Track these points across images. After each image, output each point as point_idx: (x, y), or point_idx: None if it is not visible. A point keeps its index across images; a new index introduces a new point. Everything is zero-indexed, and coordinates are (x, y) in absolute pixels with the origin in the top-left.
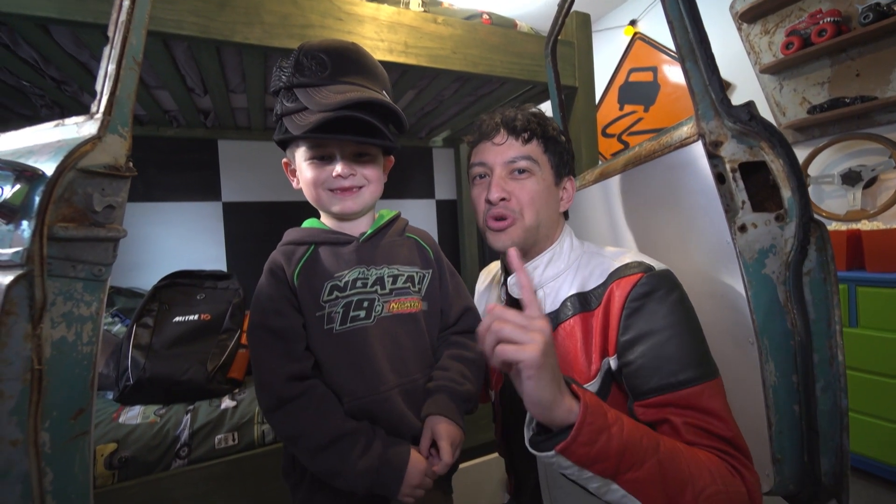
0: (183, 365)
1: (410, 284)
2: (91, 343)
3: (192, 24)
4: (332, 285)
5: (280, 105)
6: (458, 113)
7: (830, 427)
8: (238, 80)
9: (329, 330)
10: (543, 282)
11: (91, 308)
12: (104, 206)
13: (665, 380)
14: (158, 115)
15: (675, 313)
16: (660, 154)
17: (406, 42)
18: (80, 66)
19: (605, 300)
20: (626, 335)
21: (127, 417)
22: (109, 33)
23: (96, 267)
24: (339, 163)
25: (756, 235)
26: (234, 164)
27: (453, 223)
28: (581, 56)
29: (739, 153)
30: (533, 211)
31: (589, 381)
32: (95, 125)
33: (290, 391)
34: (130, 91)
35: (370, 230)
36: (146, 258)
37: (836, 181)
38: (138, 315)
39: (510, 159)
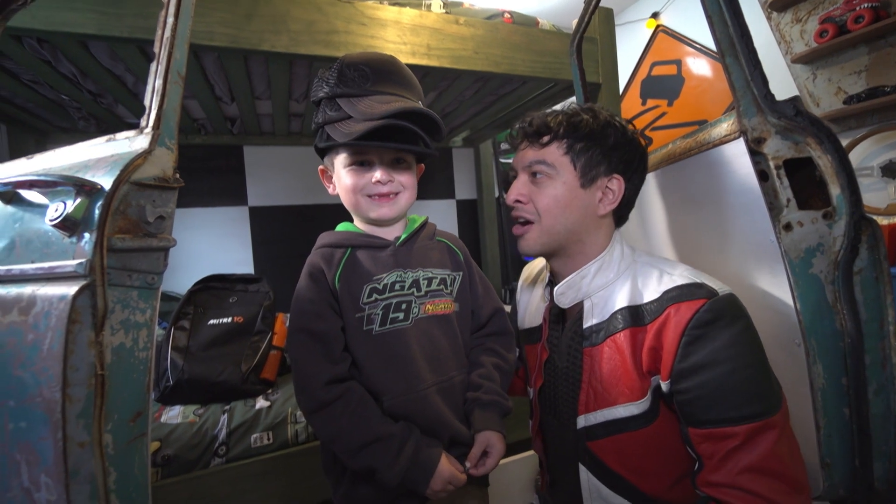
0: (218, 366)
1: (443, 286)
2: (146, 348)
3: (223, 35)
4: (372, 288)
5: (322, 114)
6: (478, 113)
7: (883, 431)
8: (263, 86)
9: (369, 331)
10: (591, 291)
11: (146, 315)
12: (156, 217)
13: (725, 414)
14: (187, 124)
15: (740, 344)
16: (696, 151)
17: (429, 44)
18: (115, 78)
19: (660, 321)
20: (685, 363)
21: (168, 417)
22: (155, 49)
23: (149, 275)
24: (379, 169)
25: (802, 234)
26: (259, 168)
27: (474, 223)
28: (604, 52)
29: (784, 149)
30: (551, 215)
31: (640, 399)
32: (146, 139)
33: (330, 394)
34: (176, 104)
35: (405, 234)
36: (177, 262)
37: (875, 173)
38: (175, 318)
39: (527, 164)
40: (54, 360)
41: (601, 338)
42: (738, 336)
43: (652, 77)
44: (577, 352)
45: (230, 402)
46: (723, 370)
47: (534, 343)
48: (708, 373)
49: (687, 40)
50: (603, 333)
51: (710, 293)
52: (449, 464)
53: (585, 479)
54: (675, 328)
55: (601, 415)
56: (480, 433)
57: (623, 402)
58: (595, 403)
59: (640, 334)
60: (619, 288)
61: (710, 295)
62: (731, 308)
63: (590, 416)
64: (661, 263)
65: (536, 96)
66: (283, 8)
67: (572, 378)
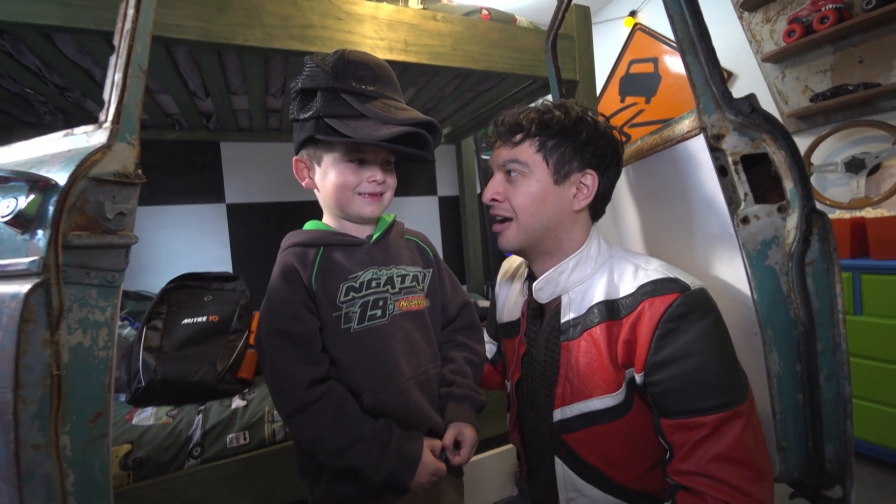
0: (193, 366)
1: (416, 283)
2: (107, 348)
3: (194, 29)
4: (349, 286)
5: (320, 105)
6: (458, 109)
7: (834, 415)
8: (239, 81)
9: (347, 329)
10: (569, 286)
11: (106, 313)
12: (115, 214)
13: (695, 404)
14: (161, 119)
15: (710, 337)
16: (662, 148)
17: (406, 40)
18: (83, 72)
19: (635, 315)
20: (658, 356)
21: (140, 419)
22: (115, 42)
23: (109, 273)
24: (377, 169)
25: (759, 227)
26: (236, 165)
27: (456, 220)
28: (581, 49)
29: (741, 146)
30: (527, 212)
31: (615, 391)
32: (104, 134)
33: (310, 396)
34: (137, 99)
35: (377, 233)
36: (153, 261)
37: (839, 169)
38: (148, 318)
39: (501, 163)
40: (6, 360)
41: (578, 332)
42: (708, 329)
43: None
44: (555, 346)
45: (205, 402)
46: (694, 363)
47: (512, 337)
48: (679, 365)
49: (664, 38)
50: (580, 328)
51: (683, 287)
52: (432, 455)
53: (561, 472)
54: (650, 322)
55: (577, 408)
56: (452, 423)
57: (598, 395)
58: (571, 397)
59: (616, 328)
60: (595, 283)
61: (683, 289)
62: (702, 302)
63: (566, 409)
64: (636, 258)
65: (516, 93)
66: (256, 1)
67: (549, 372)
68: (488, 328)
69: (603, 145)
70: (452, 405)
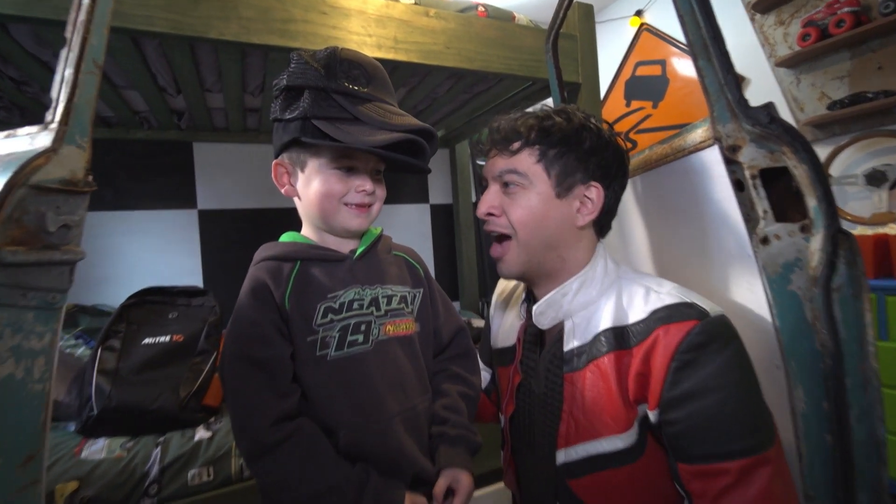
0: (153, 392)
1: (404, 305)
2: (43, 380)
3: (164, 21)
4: (327, 307)
5: (307, 104)
6: (452, 112)
7: (867, 459)
8: (214, 78)
9: (322, 357)
10: (573, 310)
11: (44, 340)
12: (59, 226)
13: (716, 448)
14: (128, 117)
15: (733, 370)
16: (672, 158)
17: (396, 37)
18: (42, 65)
19: (648, 343)
20: (674, 391)
21: (90, 452)
22: (67, 34)
23: (50, 294)
24: (366, 178)
25: (780, 248)
26: (210, 168)
27: (449, 229)
28: (584, 50)
29: (759, 158)
30: (527, 229)
31: (626, 431)
32: (50, 136)
33: (276, 435)
34: (90, 97)
35: (362, 247)
36: (114, 272)
37: (859, 181)
38: (104, 337)
39: (496, 174)
40: None
41: (583, 362)
42: (730, 361)
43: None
44: (557, 377)
45: (165, 432)
46: (715, 399)
47: (506, 365)
48: (699, 402)
49: (672, 40)
50: (585, 357)
51: (702, 314)
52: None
53: None
54: (664, 352)
55: (583, 449)
56: (446, 469)
57: (607, 435)
58: (577, 436)
59: (626, 358)
60: (602, 306)
61: (702, 316)
62: (723, 330)
63: (570, 450)
64: (647, 280)
65: (513, 95)
66: None
67: (551, 406)
68: (482, 353)
69: (608, 155)
70: (445, 448)
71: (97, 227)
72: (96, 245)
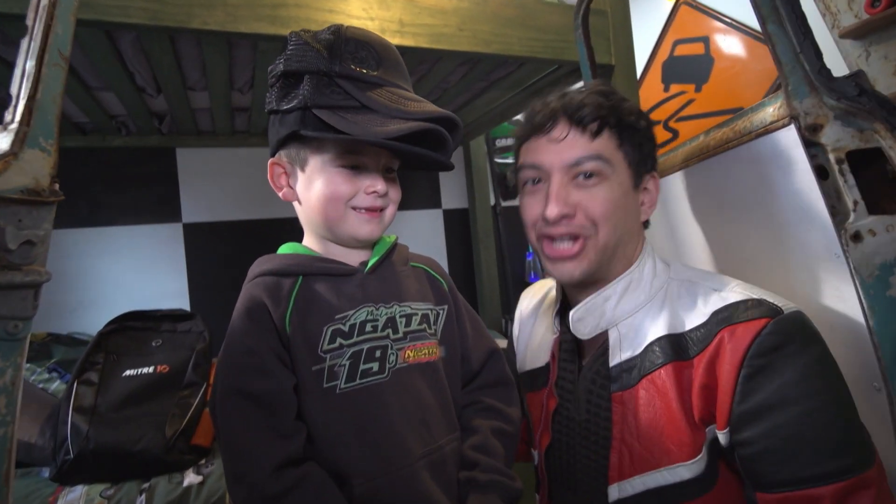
0: (135, 431)
1: (426, 325)
2: (5, 423)
3: (141, 10)
4: (335, 329)
5: (308, 92)
6: (466, 102)
7: None
8: (198, 75)
9: (331, 389)
10: (618, 317)
11: (5, 377)
12: (21, 243)
13: (803, 471)
14: (104, 122)
15: (816, 377)
16: (736, 143)
17: (401, 19)
18: (8, 66)
19: (711, 350)
20: (746, 404)
21: (67, 501)
22: (28, 22)
23: (11, 322)
24: (377, 177)
25: (875, 246)
26: (196, 176)
27: (465, 237)
28: (616, 27)
29: (846, 139)
30: (609, 227)
31: (693, 458)
32: (9, 138)
33: (279, 485)
34: (56, 93)
35: (374, 258)
36: (91, 296)
37: None
38: (79, 370)
39: (574, 161)
40: None
41: (634, 378)
42: (812, 366)
43: (675, 58)
44: (603, 399)
45: (150, 477)
46: (796, 412)
47: (538, 390)
48: (777, 416)
49: (715, 13)
50: (636, 372)
51: (773, 311)
52: None
53: None
54: (732, 358)
55: (641, 482)
56: None
57: (670, 464)
58: (632, 467)
59: (687, 370)
60: (652, 312)
61: (773, 313)
62: (801, 329)
63: (626, 484)
64: (705, 278)
65: (537, 81)
66: None
67: (597, 434)
68: None
69: (652, 140)
70: (476, 497)
71: (71, 245)
72: (70, 266)
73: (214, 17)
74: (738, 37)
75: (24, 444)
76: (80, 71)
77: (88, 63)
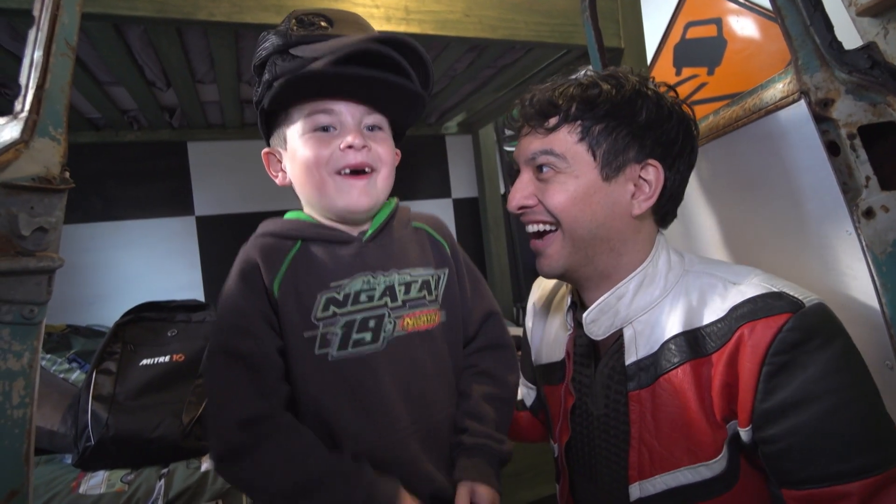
0: (153, 419)
1: (426, 292)
2: (24, 405)
3: (147, 3)
4: (329, 298)
5: (271, 70)
6: (474, 91)
7: None
8: (206, 67)
9: (322, 356)
10: (632, 314)
11: (22, 360)
12: (34, 230)
13: (829, 467)
14: (115, 117)
15: (841, 371)
16: (745, 121)
17: (407, 6)
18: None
19: (730, 347)
20: (769, 401)
21: (89, 486)
22: (35, 12)
23: (27, 307)
24: (352, 131)
25: (888, 222)
26: (207, 169)
27: (476, 226)
28: (626, 9)
29: (858, 113)
30: (570, 219)
31: (714, 458)
32: (19, 127)
33: (247, 437)
34: (64, 82)
35: (374, 226)
36: (107, 289)
37: None
38: (98, 359)
39: (530, 156)
40: None
41: (651, 377)
42: (837, 360)
43: (687, 41)
44: (620, 395)
45: (168, 463)
46: (821, 408)
47: (555, 384)
48: (802, 413)
49: None
50: (653, 370)
51: (795, 304)
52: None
53: None
54: (753, 355)
55: (662, 482)
56: (461, 484)
57: (690, 464)
58: (653, 467)
59: (705, 367)
60: (668, 308)
61: (795, 307)
62: (824, 322)
63: (646, 483)
64: (721, 270)
65: (545, 67)
66: None
67: (615, 431)
68: (523, 369)
69: (670, 128)
70: (462, 461)
71: (87, 240)
72: (87, 260)
73: (220, 8)
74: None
75: (47, 431)
76: (91, 66)
77: (98, 58)
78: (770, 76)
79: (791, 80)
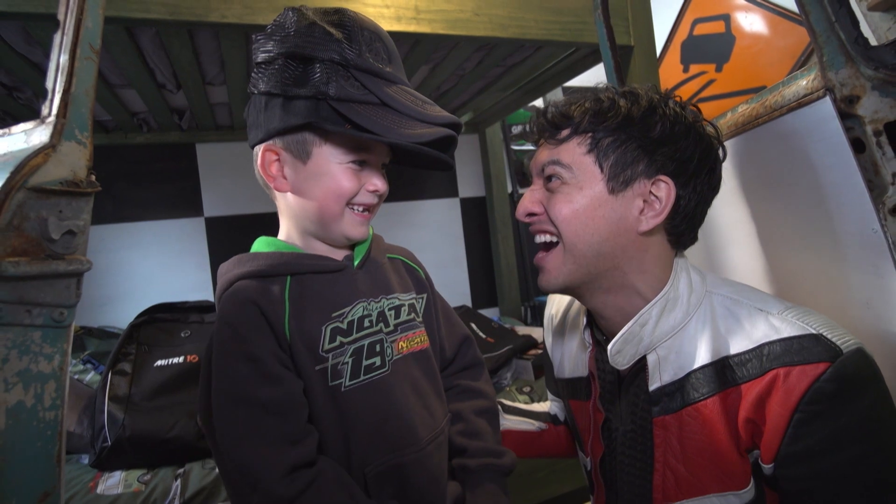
0: (168, 419)
1: (414, 314)
2: (55, 407)
3: (160, 6)
4: (334, 328)
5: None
6: (482, 89)
7: None
8: (216, 69)
9: (336, 388)
10: (656, 341)
11: (53, 362)
12: (63, 233)
13: None
14: (125, 120)
15: (873, 420)
16: (766, 119)
17: (417, 6)
18: (33, 67)
19: (762, 386)
20: (796, 446)
21: (106, 487)
22: (60, 17)
23: (57, 310)
24: (379, 175)
25: None
26: (216, 171)
27: (483, 226)
28: (636, 7)
29: (885, 110)
30: (572, 229)
31: (744, 488)
32: (47, 131)
33: (293, 487)
34: (89, 86)
35: (360, 254)
36: (120, 290)
37: None
38: (113, 360)
39: (540, 166)
40: None
41: (678, 405)
42: (870, 409)
43: (694, 37)
44: (645, 420)
45: (184, 463)
46: (849, 456)
47: (582, 400)
48: (829, 459)
49: None
50: (679, 399)
51: (833, 353)
52: None
53: None
54: (785, 401)
55: None
56: None
57: (719, 491)
58: (678, 491)
59: (734, 395)
60: (693, 334)
61: (833, 355)
62: (861, 371)
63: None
64: (746, 295)
65: (554, 65)
66: None
67: (640, 453)
68: (547, 383)
69: (687, 145)
70: (472, 490)
71: (98, 241)
72: (99, 261)
73: (232, 9)
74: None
75: None
76: (102, 68)
77: (110, 60)
78: (779, 71)
79: (815, 76)
